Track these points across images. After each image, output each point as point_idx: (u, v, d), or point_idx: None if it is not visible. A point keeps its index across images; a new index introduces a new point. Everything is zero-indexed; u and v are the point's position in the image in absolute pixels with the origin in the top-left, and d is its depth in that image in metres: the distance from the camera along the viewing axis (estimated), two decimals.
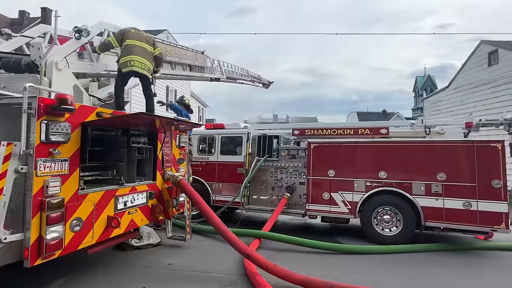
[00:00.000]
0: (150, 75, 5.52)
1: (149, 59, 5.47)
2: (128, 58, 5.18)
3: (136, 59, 5.21)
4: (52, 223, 3.24)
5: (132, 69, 5.18)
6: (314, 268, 5.07)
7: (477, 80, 16.25)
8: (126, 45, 5.24)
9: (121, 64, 5.21)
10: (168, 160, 5.12)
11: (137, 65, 5.21)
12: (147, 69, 5.39)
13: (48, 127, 3.24)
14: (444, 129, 7.34)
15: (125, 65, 5.16)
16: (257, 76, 12.78)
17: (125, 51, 5.21)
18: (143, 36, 5.52)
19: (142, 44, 5.37)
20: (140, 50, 5.32)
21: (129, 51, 5.22)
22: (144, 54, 5.35)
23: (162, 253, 5.64)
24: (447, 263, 5.48)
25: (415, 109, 46.39)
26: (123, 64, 5.19)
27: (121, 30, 5.41)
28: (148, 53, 5.48)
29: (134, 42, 5.31)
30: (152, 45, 5.60)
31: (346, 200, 6.95)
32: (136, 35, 5.42)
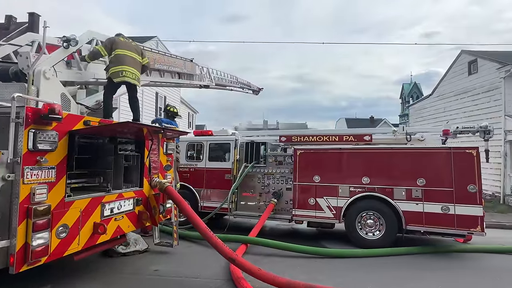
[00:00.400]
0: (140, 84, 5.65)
1: (138, 68, 5.60)
2: (120, 68, 5.25)
3: (128, 69, 5.31)
4: (38, 230, 3.30)
5: (124, 79, 5.28)
6: (299, 272, 5.21)
7: (458, 88, 16.86)
8: (117, 55, 5.29)
9: (112, 73, 5.25)
10: (155, 167, 5.21)
11: (129, 75, 5.33)
12: (137, 79, 5.53)
13: (35, 135, 3.32)
14: (424, 136, 7.65)
15: (117, 75, 5.23)
16: (246, 83, 12.98)
17: (115, 61, 5.26)
18: (132, 45, 5.60)
19: (132, 54, 5.46)
20: (131, 60, 5.41)
21: (120, 61, 5.27)
22: (134, 64, 5.46)
23: (149, 260, 5.68)
24: (427, 266, 5.69)
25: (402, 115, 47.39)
26: (114, 74, 5.24)
27: (110, 39, 5.45)
28: (137, 63, 5.60)
29: (125, 52, 5.37)
30: (140, 55, 5.71)
31: (331, 205, 7.13)
32: (125, 44, 5.49)
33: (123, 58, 5.33)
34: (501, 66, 13.67)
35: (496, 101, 13.91)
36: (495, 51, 15.90)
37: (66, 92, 4.79)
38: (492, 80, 14.28)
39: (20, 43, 5.18)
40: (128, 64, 5.34)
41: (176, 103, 23.31)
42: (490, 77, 14.38)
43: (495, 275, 5.26)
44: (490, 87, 14.40)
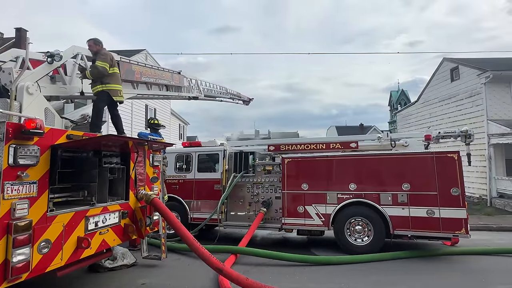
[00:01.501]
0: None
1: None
2: (119, 88, 5.50)
3: (121, 88, 5.58)
4: (18, 245, 3.25)
5: (121, 100, 5.55)
6: (289, 280, 5.23)
7: (442, 95, 17.32)
8: (115, 73, 5.47)
9: (111, 90, 5.38)
10: (141, 179, 5.20)
11: (121, 94, 5.56)
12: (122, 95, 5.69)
13: (16, 151, 3.31)
14: (408, 142, 7.82)
15: (116, 94, 5.44)
16: (236, 94, 13.11)
17: (114, 79, 5.44)
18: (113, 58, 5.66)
19: (115, 70, 5.55)
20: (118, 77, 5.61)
21: (117, 79, 5.49)
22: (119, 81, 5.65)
23: (136, 273, 5.62)
24: (415, 269, 5.76)
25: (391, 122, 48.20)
26: (114, 92, 5.40)
27: (109, 54, 5.48)
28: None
29: (117, 71, 5.59)
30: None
31: (320, 213, 7.19)
32: (113, 59, 5.56)
33: (118, 77, 5.56)
34: (481, 73, 14.14)
35: (478, 106, 14.33)
36: (476, 58, 16.48)
37: (50, 106, 4.80)
38: (473, 86, 14.74)
39: (4, 59, 5.18)
40: (117, 82, 5.54)
41: (167, 115, 23.31)
42: (472, 83, 14.85)
43: (480, 276, 5.35)
44: (472, 92, 14.85)
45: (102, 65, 5.24)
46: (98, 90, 5.39)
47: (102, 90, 5.35)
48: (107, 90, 5.34)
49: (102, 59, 5.28)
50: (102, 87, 5.34)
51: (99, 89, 5.37)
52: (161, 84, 8.04)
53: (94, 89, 5.42)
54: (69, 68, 5.36)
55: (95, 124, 5.32)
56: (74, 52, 5.33)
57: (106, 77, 5.34)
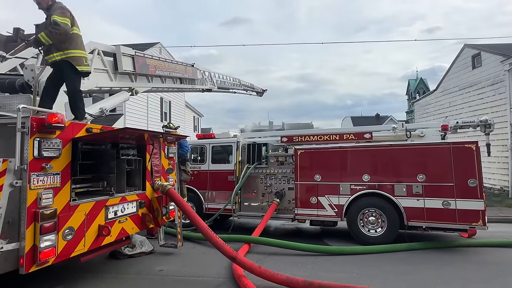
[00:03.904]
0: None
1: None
2: (83, 54, 4.35)
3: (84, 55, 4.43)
4: (45, 232, 3.49)
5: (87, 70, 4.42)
6: (300, 270, 5.31)
7: (462, 83, 16.68)
8: (75, 34, 4.25)
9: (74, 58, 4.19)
10: (157, 170, 5.39)
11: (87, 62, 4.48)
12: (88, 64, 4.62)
13: (40, 144, 3.52)
14: (424, 132, 7.66)
15: (80, 62, 4.29)
16: (250, 85, 13.14)
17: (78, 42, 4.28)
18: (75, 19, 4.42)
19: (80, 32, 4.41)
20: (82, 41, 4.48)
21: (81, 44, 4.36)
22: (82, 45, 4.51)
23: (154, 261, 5.86)
24: (429, 260, 5.71)
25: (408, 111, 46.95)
26: (78, 60, 4.23)
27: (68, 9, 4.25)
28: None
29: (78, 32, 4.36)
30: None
31: (333, 204, 7.20)
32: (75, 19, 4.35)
33: (82, 40, 4.39)
34: (505, 59, 13.49)
35: (501, 94, 13.72)
36: (499, 44, 15.68)
37: None
38: (496, 73, 14.10)
39: (25, 56, 5.42)
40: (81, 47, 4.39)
41: (181, 107, 23.64)
42: (494, 70, 14.20)
43: (496, 268, 5.26)
44: (494, 80, 14.21)
45: (63, 21, 4.01)
46: (55, 60, 4.18)
47: (61, 59, 4.18)
48: (66, 58, 4.17)
49: (60, 14, 4.04)
50: (60, 55, 4.17)
51: (57, 58, 4.17)
52: (175, 77, 8.18)
53: (50, 57, 4.22)
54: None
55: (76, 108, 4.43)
56: (91, 47, 5.47)
57: (65, 41, 4.15)
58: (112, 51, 5.97)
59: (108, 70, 5.85)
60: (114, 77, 6.01)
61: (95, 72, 5.64)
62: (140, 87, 6.83)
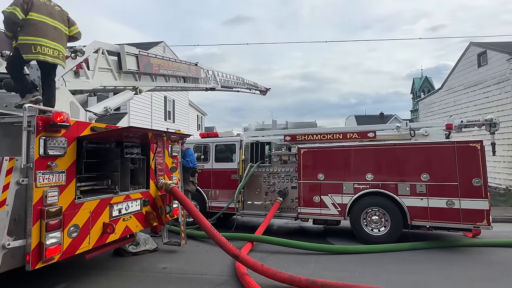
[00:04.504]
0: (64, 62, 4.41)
1: (64, 42, 4.31)
2: (34, 41, 3.93)
3: (47, 44, 4.00)
4: (51, 229, 3.53)
5: (39, 57, 3.96)
6: (303, 268, 5.33)
7: (468, 81, 16.54)
8: (32, 20, 3.92)
9: (22, 44, 3.92)
10: (161, 169, 5.42)
11: (48, 52, 4.02)
12: (61, 56, 4.24)
13: (46, 142, 3.56)
14: (428, 131, 7.62)
15: (29, 49, 3.91)
16: (253, 84, 13.14)
17: (30, 28, 3.92)
18: (55, 10, 4.21)
19: (55, 23, 4.13)
20: (53, 31, 4.10)
21: (36, 29, 3.94)
22: (58, 36, 4.17)
23: (157, 258, 5.91)
24: (433, 260, 5.69)
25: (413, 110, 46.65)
26: (25, 47, 3.91)
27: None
28: (62, 35, 4.27)
29: (44, 19, 4.01)
30: (66, 23, 4.36)
31: (336, 203, 7.20)
32: (46, 7, 4.10)
33: (42, 27, 3.98)
34: (511, 57, 13.36)
35: (507, 93, 13.59)
36: (505, 42, 15.51)
37: (75, 100, 5.04)
38: (502, 71, 13.97)
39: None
40: (47, 37, 4.01)
41: (185, 106, 23.71)
42: (500, 68, 14.07)
43: (501, 268, 5.23)
44: (500, 78, 14.08)
45: (8, 10, 3.81)
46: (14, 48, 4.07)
47: (15, 46, 4.03)
48: (17, 45, 3.98)
49: (11, 4, 3.91)
50: (15, 43, 4.02)
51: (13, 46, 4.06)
52: (178, 76, 8.20)
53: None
54: (91, 63, 5.56)
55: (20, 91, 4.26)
56: (95, 47, 5.53)
57: (21, 30, 3.94)
58: (116, 50, 6.01)
59: (113, 69, 5.90)
60: (118, 76, 6.05)
61: (99, 71, 5.71)
62: (144, 86, 6.87)
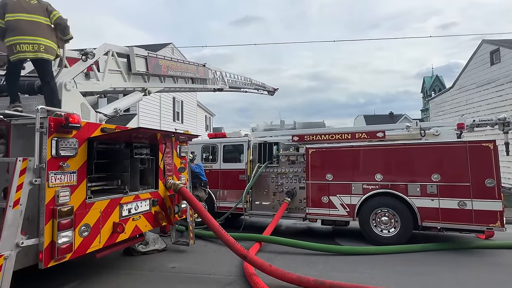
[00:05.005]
0: (53, 55, 4.36)
1: (45, 34, 4.20)
2: (13, 41, 3.97)
3: (24, 40, 3.98)
4: (62, 229, 3.61)
5: (19, 56, 4.00)
6: (311, 269, 5.30)
7: (480, 80, 16.18)
8: (8, 22, 3.99)
9: (8, 49, 4.05)
10: (169, 169, 5.47)
11: (27, 48, 4.00)
12: (43, 49, 4.14)
13: (58, 143, 3.64)
14: (439, 131, 7.49)
15: (11, 51, 4.01)
16: (261, 84, 13.15)
17: (8, 30, 4.00)
18: (31, 4, 4.16)
19: (30, 17, 4.07)
20: (29, 25, 4.05)
21: (13, 30, 3.98)
22: (35, 29, 4.10)
23: (166, 258, 5.96)
24: (444, 262, 5.60)
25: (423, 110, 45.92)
26: (9, 50, 4.03)
27: (1, 1, 4.08)
28: (42, 26, 4.16)
29: (18, 16, 3.99)
30: (46, 13, 4.25)
31: (345, 203, 7.14)
32: (19, 4, 4.07)
33: (17, 25, 3.99)
34: None
35: None
36: None
37: (86, 101, 5.12)
38: None
39: None
40: (23, 33, 4.00)
41: (193, 107, 23.87)
42: None
43: None
44: None
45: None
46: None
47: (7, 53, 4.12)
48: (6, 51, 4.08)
49: None
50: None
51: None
52: (187, 77, 8.26)
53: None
54: (101, 65, 5.65)
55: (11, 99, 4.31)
56: (105, 49, 5.61)
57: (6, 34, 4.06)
58: (125, 52, 6.09)
59: (122, 71, 5.97)
60: (128, 78, 6.13)
61: (109, 73, 5.79)
62: (153, 87, 6.94)
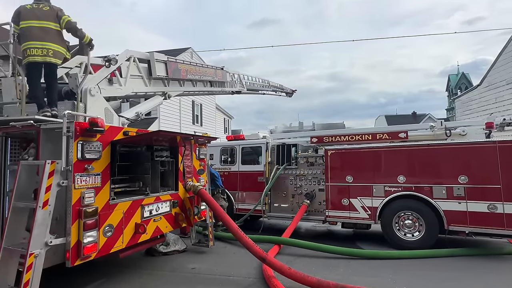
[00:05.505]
0: (61, 59, 4.65)
1: (54, 39, 4.48)
2: (25, 46, 4.30)
3: (33, 45, 4.29)
4: (88, 229, 3.75)
5: (29, 60, 4.29)
6: (332, 273, 5.20)
7: (511, 76, 15.34)
8: (22, 29, 4.33)
9: (22, 54, 4.37)
10: (189, 171, 5.56)
11: (36, 52, 4.32)
12: (51, 53, 4.43)
13: (83, 146, 3.80)
14: (466, 130, 7.16)
15: (24, 55, 4.32)
16: (279, 86, 13.13)
17: (22, 37, 4.33)
18: (43, 11, 4.46)
19: (40, 23, 4.38)
20: (38, 31, 4.36)
21: (25, 36, 4.31)
22: (43, 34, 4.38)
23: (186, 259, 6.04)
24: (473, 268, 5.33)
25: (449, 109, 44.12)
26: (22, 55, 4.35)
27: (16, 10, 4.43)
28: (51, 32, 4.46)
29: (30, 23, 4.32)
30: (56, 19, 4.53)
31: (366, 206, 6.97)
32: (32, 12, 4.40)
33: (28, 31, 4.33)
34: None
35: None
36: None
37: (109, 106, 5.31)
38: None
39: (70, 65, 5.85)
40: (34, 38, 4.32)
41: (212, 110, 24.18)
42: None
43: None
44: None
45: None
46: None
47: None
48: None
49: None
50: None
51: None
52: (205, 80, 8.38)
53: None
54: (123, 71, 5.84)
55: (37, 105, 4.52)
56: (127, 55, 5.79)
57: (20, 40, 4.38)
58: (146, 58, 6.27)
59: (143, 76, 6.15)
60: (149, 83, 6.30)
61: (131, 78, 5.98)
62: (173, 91, 7.10)
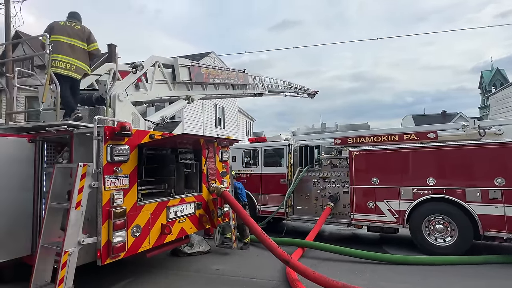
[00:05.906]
0: (81, 74, 4.94)
1: (79, 56, 4.84)
2: (53, 57, 4.60)
3: (60, 58, 4.64)
4: (117, 229, 3.90)
5: (53, 70, 4.58)
6: (357, 278, 5.07)
7: None
8: (52, 42, 4.60)
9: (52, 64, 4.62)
10: (212, 173, 5.64)
11: (61, 65, 4.64)
12: (74, 69, 4.76)
13: (112, 150, 3.96)
14: (502, 130, 6.73)
15: (51, 65, 4.57)
16: (301, 87, 13.04)
17: (53, 48, 4.57)
18: (73, 29, 4.86)
19: (70, 40, 4.76)
20: (66, 47, 4.73)
21: (55, 49, 4.61)
22: (71, 51, 4.76)
23: (211, 260, 6.12)
24: (509, 276, 4.98)
25: (482, 107, 41.75)
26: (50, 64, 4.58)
27: (50, 25, 4.82)
28: (79, 50, 4.84)
29: (60, 38, 4.70)
30: (85, 40, 4.93)
31: (393, 209, 6.73)
32: (63, 28, 4.79)
33: (58, 45, 4.66)
34: None
35: None
36: None
37: (136, 111, 5.51)
38: None
39: (100, 72, 6.15)
40: (61, 53, 4.67)
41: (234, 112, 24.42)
42: None
43: None
44: None
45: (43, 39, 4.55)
46: None
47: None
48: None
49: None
50: None
51: None
52: (227, 83, 8.48)
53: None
54: (149, 76, 6.04)
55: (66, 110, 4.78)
56: (152, 61, 5.99)
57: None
58: (170, 63, 6.45)
59: (168, 80, 6.33)
60: (173, 87, 6.47)
61: (156, 83, 6.17)
62: (196, 95, 7.24)
